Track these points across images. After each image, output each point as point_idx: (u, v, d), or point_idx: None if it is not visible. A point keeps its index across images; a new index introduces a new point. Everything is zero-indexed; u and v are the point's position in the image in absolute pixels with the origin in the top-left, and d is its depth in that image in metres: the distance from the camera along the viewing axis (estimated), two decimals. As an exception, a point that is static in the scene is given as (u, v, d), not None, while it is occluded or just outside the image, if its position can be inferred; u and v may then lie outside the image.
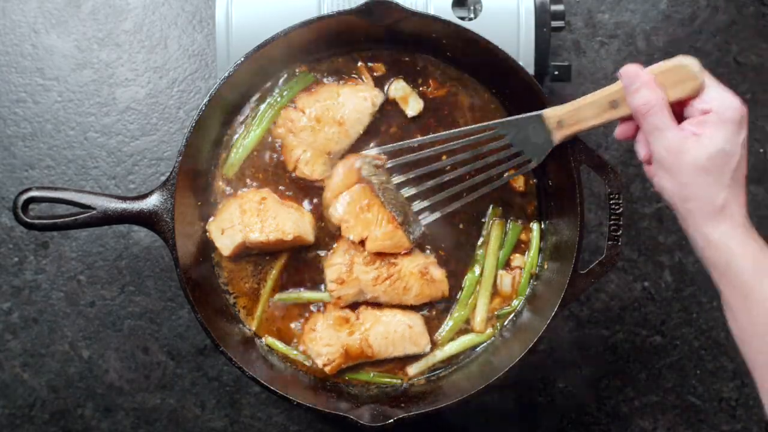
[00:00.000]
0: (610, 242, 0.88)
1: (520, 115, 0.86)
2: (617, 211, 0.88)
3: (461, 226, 0.96)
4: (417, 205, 0.92)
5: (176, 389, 1.04)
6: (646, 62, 1.06)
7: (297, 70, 0.95)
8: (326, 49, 0.95)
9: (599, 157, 0.88)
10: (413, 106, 0.95)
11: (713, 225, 0.74)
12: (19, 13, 1.08)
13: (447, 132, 0.90)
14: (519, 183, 0.96)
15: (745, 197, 0.76)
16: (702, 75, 0.76)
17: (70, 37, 1.08)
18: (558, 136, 0.86)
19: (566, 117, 0.84)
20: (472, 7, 0.96)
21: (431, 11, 0.94)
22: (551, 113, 0.85)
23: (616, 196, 0.88)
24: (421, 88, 0.96)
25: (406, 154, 0.91)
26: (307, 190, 0.95)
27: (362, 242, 0.91)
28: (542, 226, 0.96)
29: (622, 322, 1.05)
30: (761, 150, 1.06)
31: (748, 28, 1.08)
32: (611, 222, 0.88)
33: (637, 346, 1.05)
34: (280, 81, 0.95)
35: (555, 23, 0.96)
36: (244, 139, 0.94)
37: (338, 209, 0.91)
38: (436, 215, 0.91)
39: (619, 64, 1.07)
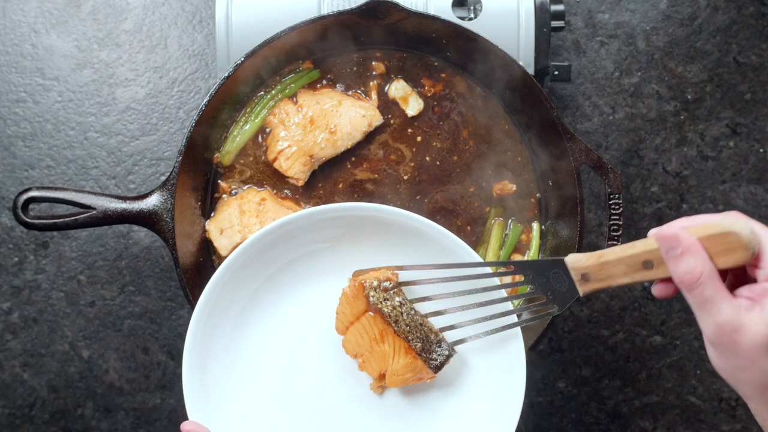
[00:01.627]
0: (610, 242, 0.88)
1: (542, 259, 0.78)
2: (617, 211, 0.88)
3: (459, 224, 0.96)
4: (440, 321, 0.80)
5: (176, 389, 1.04)
6: (647, 62, 1.07)
7: (301, 66, 0.95)
8: (326, 49, 0.95)
9: (599, 157, 0.88)
10: (413, 106, 0.95)
11: None
12: (19, 13, 1.08)
13: (462, 263, 0.79)
14: (509, 188, 0.96)
15: None
16: (754, 243, 0.63)
17: (70, 37, 1.08)
18: (584, 290, 0.74)
19: (593, 271, 0.72)
20: (472, 7, 0.96)
21: (431, 11, 0.94)
22: (575, 263, 0.73)
23: (616, 196, 0.88)
24: (421, 88, 0.96)
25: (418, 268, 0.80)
26: (306, 195, 0.95)
27: (382, 376, 0.81)
28: (542, 226, 0.96)
29: (622, 322, 1.05)
30: (761, 150, 1.07)
31: (748, 28, 1.08)
32: (611, 222, 0.88)
33: (637, 346, 1.05)
34: (285, 75, 0.95)
35: (555, 23, 0.96)
36: (243, 127, 0.95)
37: (351, 343, 0.81)
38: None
39: (619, 64, 1.07)
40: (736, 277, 0.66)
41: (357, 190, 0.95)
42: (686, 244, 0.63)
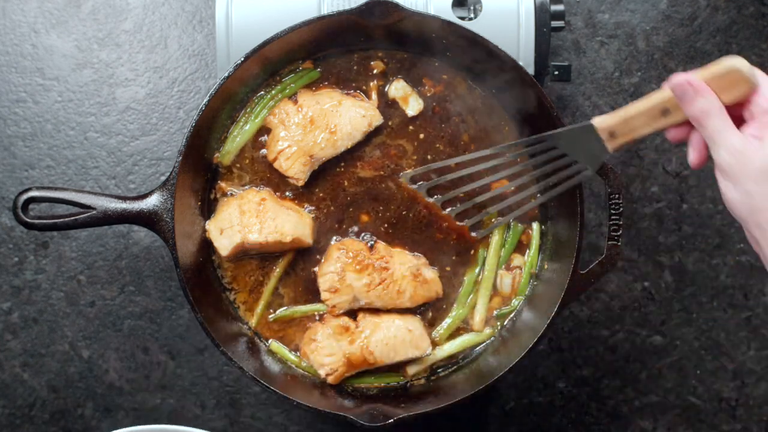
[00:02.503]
0: (610, 242, 0.88)
1: (571, 126, 0.84)
2: (617, 211, 0.88)
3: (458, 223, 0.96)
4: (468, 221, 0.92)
5: (176, 389, 1.04)
6: (647, 62, 1.07)
7: (301, 66, 0.95)
8: (326, 49, 0.95)
9: (599, 157, 0.88)
10: (413, 106, 0.95)
11: None
12: (19, 13, 1.08)
13: (498, 146, 0.90)
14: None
15: None
16: (754, 75, 0.72)
17: (70, 37, 1.08)
18: (612, 146, 0.82)
19: (618, 127, 0.81)
20: (472, 7, 0.96)
21: (431, 11, 0.94)
22: (602, 124, 0.81)
23: (616, 196, 0.88)
24: (421, 88, 0.96)
25: (445, 172, 0.91)
26: (307, 195, 0.95)
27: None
28: (542, 226, 0.96)
29: (622, 322, 1.05)
30: (761, 150, 1.06)
31: (748, 28, 1.08)
32: (611, 222, 0.88)
33: (637, 346, 1.05)
34: (285, 75, 0.95)
35: (555, 23, 0.96)
36: (243, 128, 0.94)
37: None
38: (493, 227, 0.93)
39: (619, 64, 1.07)
40: (737, 124, 0.74)
41: (359, 187, 0.95)
42: (696, 87, 0.73)
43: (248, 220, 0.90)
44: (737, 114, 0.74)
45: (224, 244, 0.90)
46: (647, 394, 1.05)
